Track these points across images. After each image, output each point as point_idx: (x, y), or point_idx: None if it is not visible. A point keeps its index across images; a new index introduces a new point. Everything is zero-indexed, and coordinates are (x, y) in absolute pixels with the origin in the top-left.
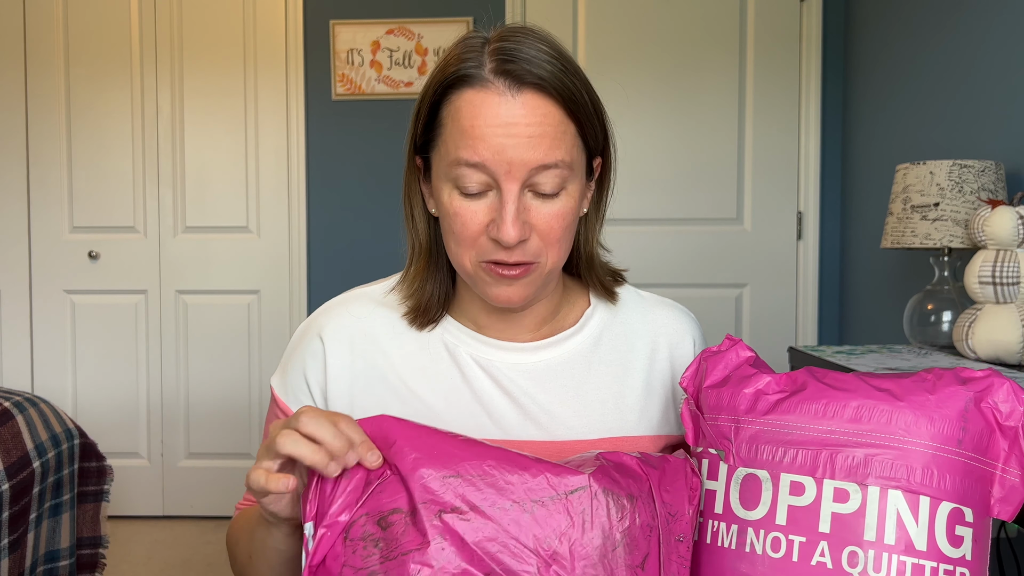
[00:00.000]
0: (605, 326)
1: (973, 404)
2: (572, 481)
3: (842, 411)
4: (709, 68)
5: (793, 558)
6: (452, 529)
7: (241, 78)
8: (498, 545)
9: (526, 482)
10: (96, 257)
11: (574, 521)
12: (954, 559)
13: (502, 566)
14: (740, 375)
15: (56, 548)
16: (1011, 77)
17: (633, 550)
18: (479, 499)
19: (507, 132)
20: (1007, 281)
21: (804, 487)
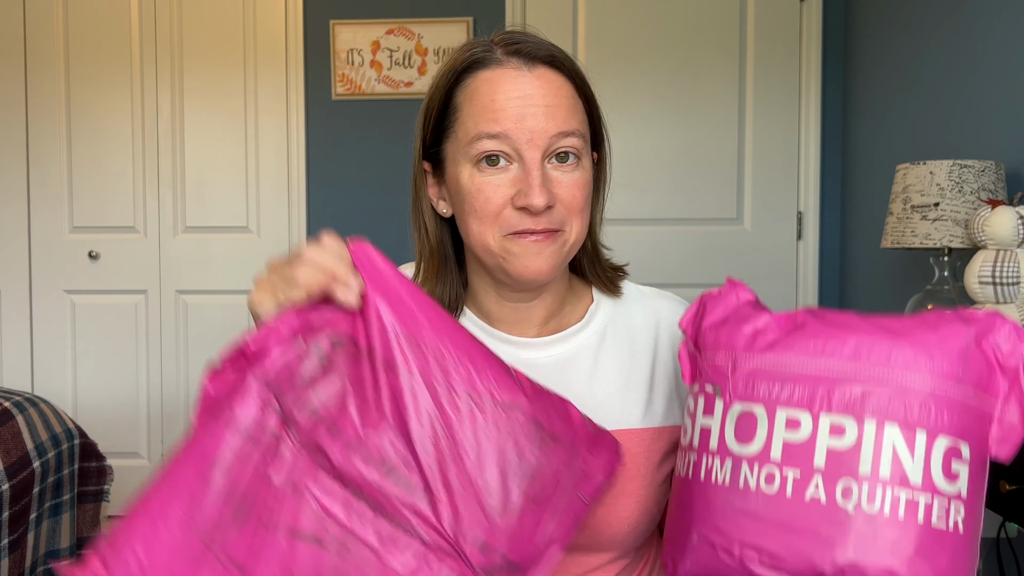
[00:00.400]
0: (609, 321)
1: (974, 342)
2: (512, 398)
3: (841, 348)
4: (709, 68)
5: (787, 492)
6: (390, 382)
7: (241, 78)
8: (426, 417)
9: (471, 377)
10: (96, 257)
11: (497, 429)
12: (949, 494)
13: (419, 436)
14: (740, 315)
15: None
16: (1011, 77)
17: (536, 482)
18: (423, 371)
19: (526, 103)
20: (1007, 281)
21: (800, 422)
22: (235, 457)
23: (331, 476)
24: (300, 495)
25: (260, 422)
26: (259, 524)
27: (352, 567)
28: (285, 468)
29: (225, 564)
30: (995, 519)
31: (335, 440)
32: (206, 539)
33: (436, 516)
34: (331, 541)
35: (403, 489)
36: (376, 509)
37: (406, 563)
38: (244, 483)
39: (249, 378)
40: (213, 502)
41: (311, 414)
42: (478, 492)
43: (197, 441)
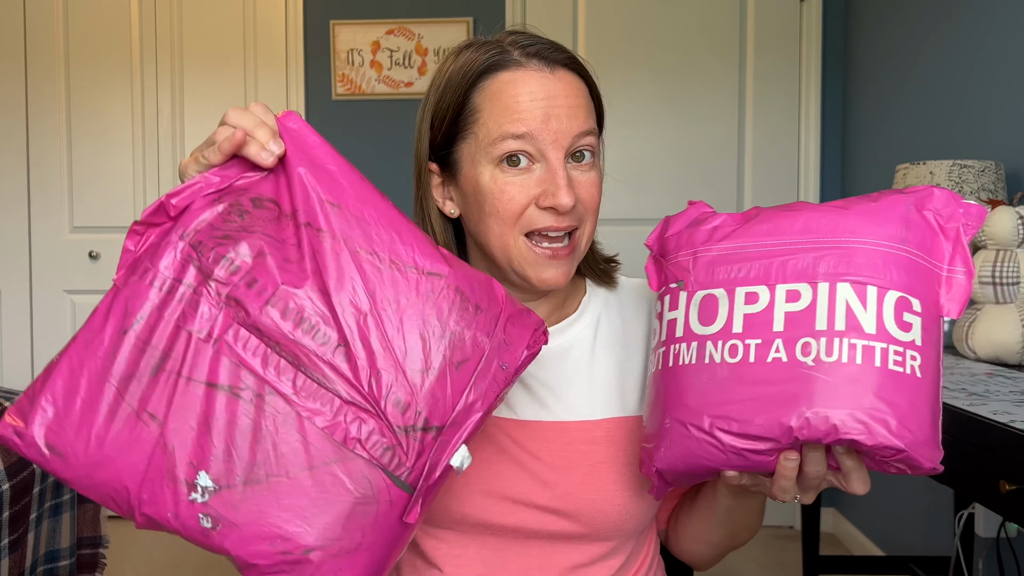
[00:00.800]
0: (602, 311)
1: (915, 208)
2: (435, 266)
3: (792, 225)
4: (709, 68)
5: (750, 359)
6: (312, 242)
7: (241, 78)
8: (341, 271)
9: (394, 244)
10: (96, 257)
11: (419, 294)
12: (904, 341)
13: (338, 293)
14: (698, 220)
15: (56, 548)
16: (1011, 77)
17: (456, 348)
18: (345, 234)
19: (550, 104)
20: (1007, 281)
21: (758, 295)
22: (153, 311)
23: (249, 329)
24: (217, 348)
25: (179, 277)
26: (175, 376)
27: (268, 417)
28: (203, 321)
29: (140, 414)
30: (995, 519)
31: (253, 294)
32: (121, 390)
33: (354, 373)
34: (247, 392)
35: (321, 345)
36: (294, 363)
37: (323, 415)
38: (161, 336)
39: (170, 234)
40: (130, 355)
41: (230, 268)
42: (398, 353)
43: (117, 296)
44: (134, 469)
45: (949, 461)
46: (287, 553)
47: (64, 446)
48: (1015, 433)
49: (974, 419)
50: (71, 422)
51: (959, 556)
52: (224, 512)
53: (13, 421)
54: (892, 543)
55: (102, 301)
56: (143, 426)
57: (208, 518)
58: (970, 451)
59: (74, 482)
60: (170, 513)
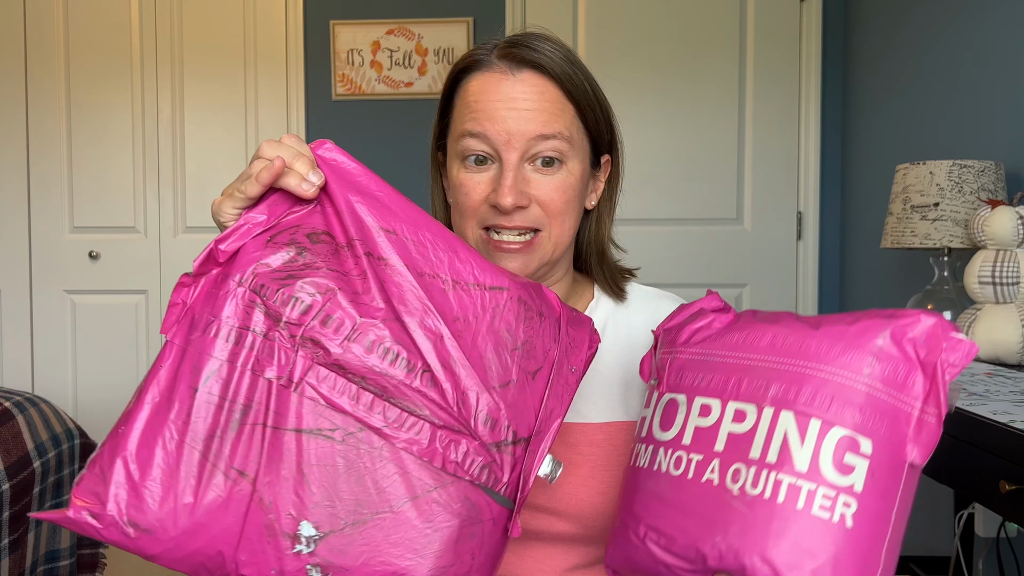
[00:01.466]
0: (609, 318)
1: (891, 337)
2: (496, 280)
3: (760, 340)
4: (709, 68)
5: (688, 475)
6: (375, 271)
7: (241, 78)
8: (417, 303)
9: (454, 263)
10: (96, 257)
11: (486, 310)
12: (837, 486)
13: (414, 321)
14: (695, 316)
15: (56, 548)
16: (1011, 77)
17: (530, 357)
18: (407, 259)
19: (507, 106)
20: (1007, 281)
21: (711, 409)
22: (225, 364)
23: (330, 368)
24: (300, 391)
25: (245, 324)
26: (261, 428)
27: (363, 455)
28: (280, 367)
29: (228, 473)
30: (995, 519)
31: (330, 331)
32: (204, 452)
33: (442, 397)
34: (338, 432)
35: (406, 373)
36: (381, 396)
37: (418, 444)
38: (239, 388)
39: (226, 281)
40: (207, 413)
41: (301, 308)
42: (479, 370)
43: (182, 355)
44: (228, 532)
45: (949, 461)
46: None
47: (149, 521)
48: (1015, 433)
49: (974, 419)
50: (153, 494)
51: (959, 556)
52: (333, 559)
53: (85, 503)
54: None
55: (160, 361)
56: (233, 485)
57: (317, 568)
58: (970, 451)
59: (162, 556)
60: (274, 571)
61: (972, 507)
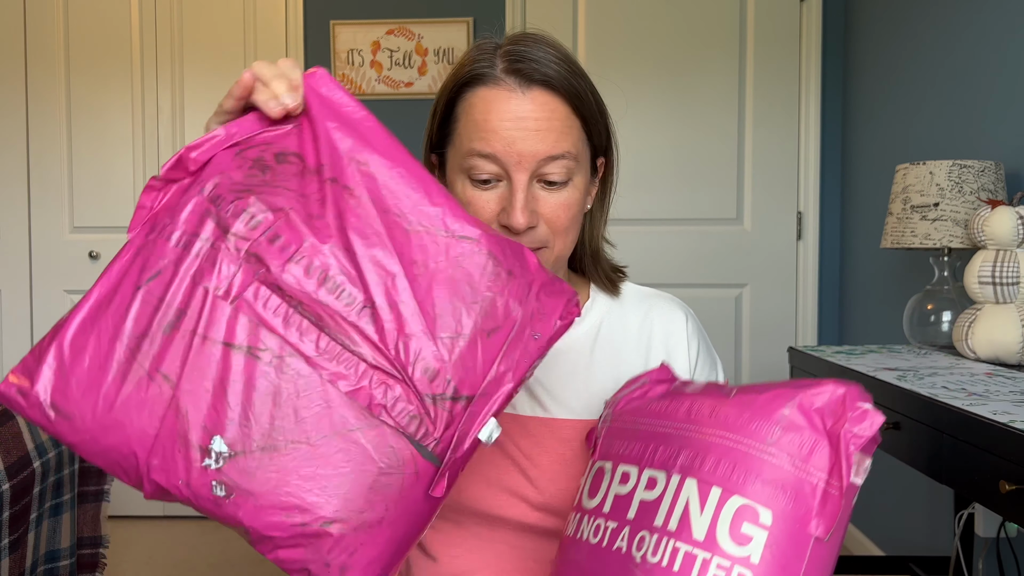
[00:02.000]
0: (604, 317)
1: (797, 407)
2: (465, 229)
3: (679, 408)
4: (709, 68)
5: (603, 543)
6: (336, 200)
7: None
8: (375, 237)
9: (424, 205)
10: (96, 257)
11: (448, 258)
12: (733, 556)
13: (366, 255)
14: (638, 386)
15: (56, 548)
16: (1011, 77)
17: (488, 315)
18: (373, 193)
19: (517, 126)
20: (1007, 281)
21: (629, 476)
22: (169, 266)
23: (270, 287)
24: (236, 306)
25: (196, 231)
26: (191, 335)
27: (288, 380)
28: (220, 278)
29: (152, 375)
30: (995, 519)
31: (276, 250)
32: (133, 349)
33: (381, 337)
34: (267, 353)
35: (346, 305)
36: (316, 324)
37: (347, 379)
38: (176, 293)
39: (190, 189)
40: (143, 312)
41: (251, 223)
42: (427, 318)
43: (134, 253)
44: (144, 433)
45: (949, 461)
46: (305, 525)
47: (70, 407)
48: (1015, 433)
49: (974, 419)
50: (79, 382)
51: (959, 556)
52: (239, 480)
53: (17, 380)
54: (892, 543)
55: (116, 258)
56: (155, 387)
57: (222, 486)
58: (970, 451)
59: (79, 446)
60: (181, 481)
61: (972, 507)
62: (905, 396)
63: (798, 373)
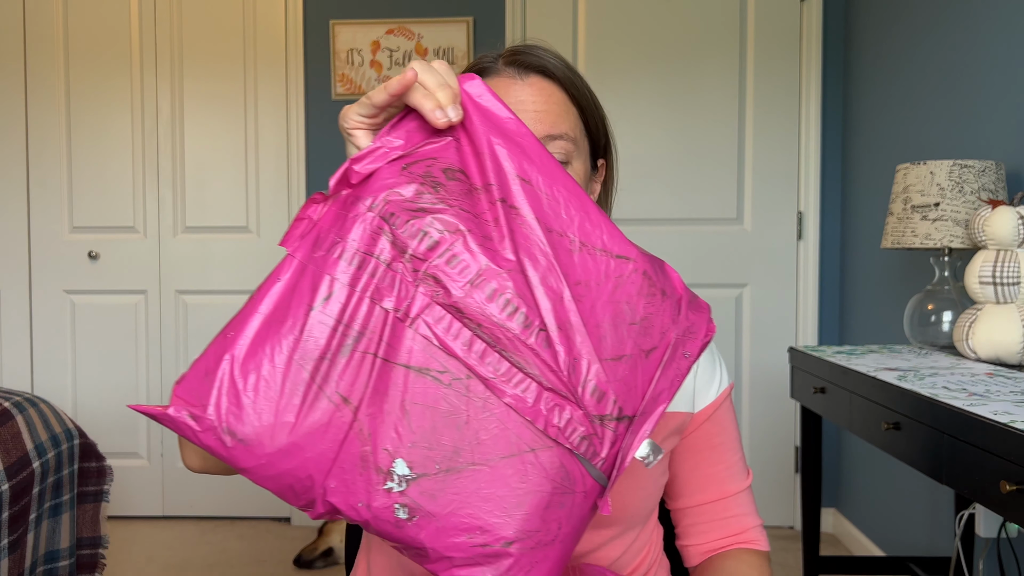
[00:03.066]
0: None
1: None
2: (623, 249)
3: None
4: (709, 68)
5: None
6: (508, 219)
7: (241, 78)
8: (542, 259)
9: (584, 224)
10: (96, 257)
11: (609, 278)
12: None
13: (537, 277)
14: None
15: (56, 548)
16: (1011, 77)
17: (646, 334)
18: (538, 213)
19: (516, 108)
20: (1007, 281)
21: None
22: (346, 286)
23: (447, 310)
24: (415, 328)
25: (370, 250)
26: (372, 357)
27: (468, 402)
28: (399, 298)
29: (332, 397)
30: (995, 519)
31: (455, 272)
32: (313, 372)
33: (554, 359)
34: (447, 375)
35: (523, 328)
36: (494, 347)
37: (523, 402)
38: (355, 314)
39: (356, 204)
40: (320, 333)
41: (428, 244)
42: (594, 339)
43: (298, 271)
44: (323, 457)
45: (950, 461)
46: (485, 546)
47: (247, 433)
48: (1015, 433)
49: (975, 419)
50: (255, 406)
51: (959, 556)
52: (422, 502)
53: (186, 403)
54: (892, 543)
55: (276, 274)
56: (335, 410)
57: (404, 508)
58: (971, 451)
59: (253, 471)
60: (361, 503)
61: (973, 507)
62: (906, 396)
63: (798, 373)
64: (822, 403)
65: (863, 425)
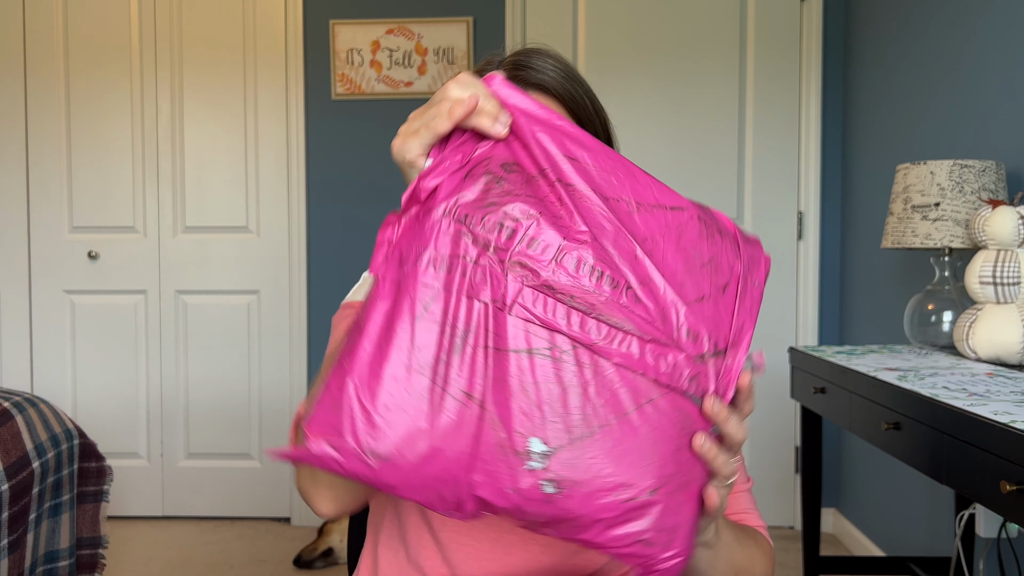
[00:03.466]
0: None
1: None
2: (675, 201)
3: None
4: (709, 68)
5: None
6: (571, 197)
7: (241, 78)
8: (610, 224)
9: (636, 186)
10: (96, 257)
11: (671, 228)
12: None
13: (613, 239)
14: None
15: (56, 548)
16: (1011, 77)
17: (717, 272)
18: (593, 185)
19: None
20: (1007, 281)
21: None
22: (441, 291)
23: (540, 290)
24: (515, 313)
25: (456, 252)
26: (484, 350)
27: (581, 370)
28: (494, 290)
29: (457, 396)
30: (996, 519)
31: (538, 253)
32: (433, 378)
33: (646, 313)
34: (555, 350)
35: (612, 290)
36: (591, 314)
37: (631, 357)
38: (457, 314)
39: (428, 216)
40: (430, 340)
41: (507, 233)
42: (675, 286)
43: (394, 289)
44: (462, 455)
45: (950, 461)
46: (632, 499)
47: (388, 449)
48: (1015, 433)
49: (975, 419)
50: (388, 422)
51: (959, 556)
52: (565, 472)
53: (324, 437)
54: (892, 543)
55: (373, 298)
56: (463, 407)
57: (551, 483)
58: (971, 451)
59: (401, 487)
60: (509, 488)
61: (973, 507)
62: (906, 396)
63: (799, 373)
64: (822, 403)
65: (863, 425)
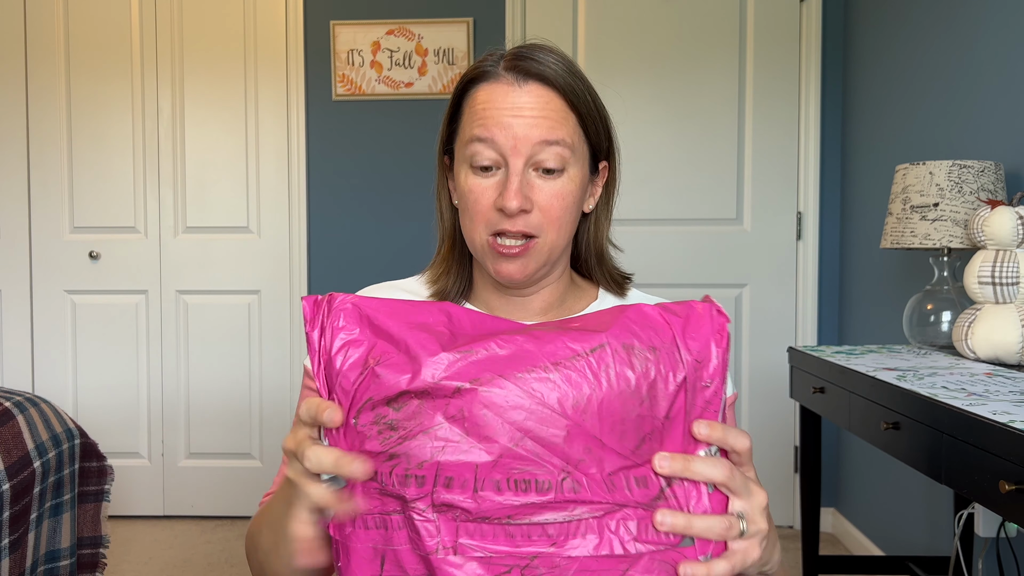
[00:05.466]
0: None
1: None
2: (592, 340)
3: None
4: (709, 68)
5: None
6: (468, 407)
7: (241, 78)
8: (523, 412)
9: (542, 347)
10: (96, 257)
11: (597, 376)
12: None
13: (530, 434)
14: None
15: (57, 548)
16: (1011, 77)
17: (659, 402)
18: (496, 370)
19: (513, 114)
20: (1006, 281)
21: None
22: (389, 549)
23: (477, 522)
24: (462, 553)
25: (384, 509)
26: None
27: (556, 574)
28: (432, 541)
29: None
30: (995, 519)
31: (458, 490)
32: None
33: (592, 488)
34: (514, 570)
35: (548, 491)
36: (536, 522)
37: (592, 542)
38: (410, 564)
39: (353, 484)
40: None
41: (419, 482)
42: (617, 443)
43: (345, 551)
44: None
45: (949, 461)
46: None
47: None
48: (1015, 433)
49: (974, 419)
50: None
51: (959, 556)
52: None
53: None
54: (892, 543)
55: (336, 560)
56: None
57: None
58: (970, 451)
59: None
60: None
61: (972, 507)
62: (905, 396)
63: (798, 373)
64: (821, 403)
65: (862, 425)
